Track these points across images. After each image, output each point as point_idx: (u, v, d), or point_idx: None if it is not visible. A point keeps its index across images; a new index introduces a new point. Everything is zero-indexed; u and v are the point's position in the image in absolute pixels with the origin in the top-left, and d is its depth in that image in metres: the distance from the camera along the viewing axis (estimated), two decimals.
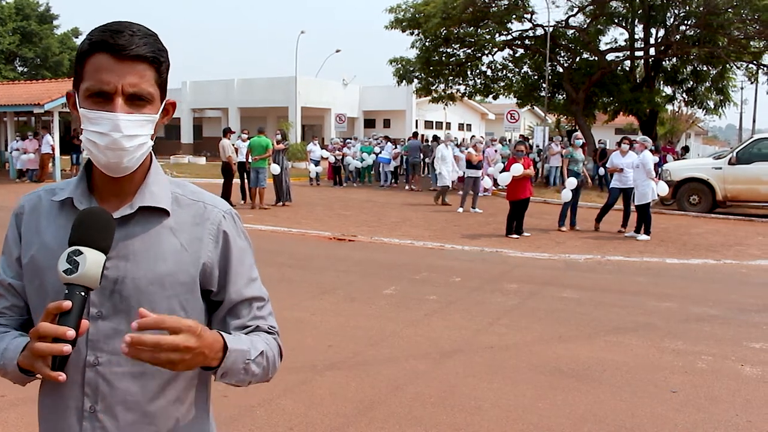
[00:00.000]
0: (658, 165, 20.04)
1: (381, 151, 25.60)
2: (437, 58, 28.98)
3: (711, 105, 30.00)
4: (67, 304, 1.36)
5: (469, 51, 29.29)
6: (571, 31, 29.08)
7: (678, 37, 26.57)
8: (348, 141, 27.79)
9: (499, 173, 20.45)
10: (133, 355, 1.33)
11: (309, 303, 7.58)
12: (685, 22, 26.35)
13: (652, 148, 15.93)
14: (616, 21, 28.81)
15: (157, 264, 1.58)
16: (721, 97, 29.58)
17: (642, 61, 29.08)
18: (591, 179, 20.51)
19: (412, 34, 28.50)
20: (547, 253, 11.26)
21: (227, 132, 18.06)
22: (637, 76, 29.43)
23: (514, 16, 27.36)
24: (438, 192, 19.08)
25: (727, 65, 27.68)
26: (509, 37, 28.93)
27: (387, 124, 50.28)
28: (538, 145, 27.37)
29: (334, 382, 5.12)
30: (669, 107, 35.03)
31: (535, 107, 35.84)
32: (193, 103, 48.99)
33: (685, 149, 31.19)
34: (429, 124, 51.74)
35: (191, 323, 1.39)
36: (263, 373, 1.63)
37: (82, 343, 1.50)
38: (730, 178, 17.18)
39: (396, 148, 25.75)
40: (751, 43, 24.43)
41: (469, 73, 30.53)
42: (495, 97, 31.94)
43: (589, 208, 17.06)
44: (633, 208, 13.50)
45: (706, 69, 28.64)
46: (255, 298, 1.74)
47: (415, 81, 30.34)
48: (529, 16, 27.80)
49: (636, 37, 28.36)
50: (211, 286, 1.66)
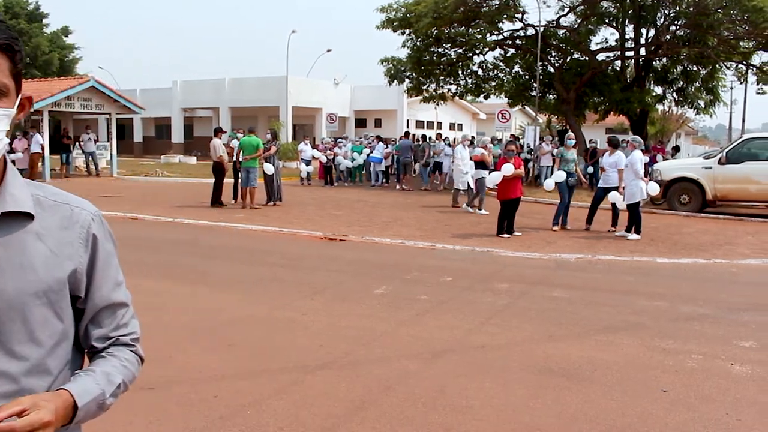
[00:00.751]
0: (649, 165, 20.11)
1: (372, 151, 25.59)
2: (428, 57, 28.97)
3: (701, 105, 30.11)
4: None
5: (460, 51, 29.29)
6: (562, 31, 29.13)
7: (668, 37, 26.65)
8: (339, 141, 27.76)
9: (489, 173, 20.61)
10: None
11: (300, 303, 7.56)
12: (675, 23, 26.44)
13: (643, 147, 15.99)
14: (607, 21, 28.88)
15: (26, 272, 1.47)
16: (711, 97, 29.70)
17: (632, 61, 29.17)
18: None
19: (404, 33, 28.47)
20: (537, 253, 11.27)
21: (218, 131, 18.03)
22: (628, 76, 29.51)
23: (505, 16, 27.37)
24: (454, 196, 18.47)
25: (717, 65, 27.80)
26: (500, 36, 28.95)
27: (378, 123, 50.28)
28: (529, 145, 27.41)
29: (325, 382, 5.10)
30: (659, 107, 35.18)
31: (526, 107, 35.86)
32: (183, 102, 48.91)
33: (676, 149, 31.29)
34: (420, 124, 51.78)
35: (40, 408, 1.35)
36: (120, 396, 1.64)
37: None
38: (720, 177, 17.25)
39: (387, 147, 25.74)
40: (741, 43, 24.53)
41: (460, 72, 30.52)
42: (486, 97, 31.96)
43: (580, 207, 17.09)
44: (623, 207, 13.54)
45: (696, 69, 28.75)
46: (120, 303, 1.68)
47: (407, 81, 30.30)
48: (520, 16, 27.83)
49: (626, 37, 28.44)
50: (79, 292, 1.59)
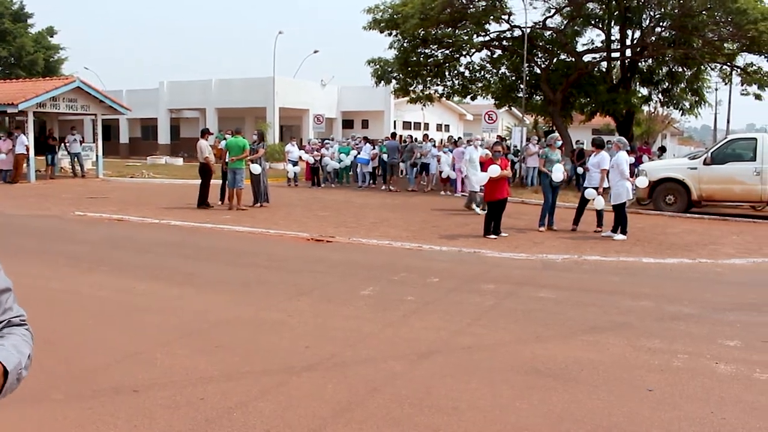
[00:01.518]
0: (635, 165, 20.21)
1: (359, 152, 25.58)
2: (415, 58, 28.98)
3: (686, 106, 30.28)
4: None
5: (447, 52, 29.33)
6: (549, 32, 29.20)
7: (653, 38, 26.78)
8: (326, 142, 27.73)
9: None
10: None
11: (286, 304, 7.54)
12: (661, 24, 26.57)
13: (628, 148, 16.05)
14: (593, 22, 28.98)
15: None
16: (696, 98, 29.87)
17: (618, 62, 29.29)
18: (569, 180, 20.62)
19: (390, 34, 28.48)
20: (524, 254, 11.29)
21: (205, 133, 17.94)
22: (614, 77, 29.64)
23: (492, 17, 27.42)
24: (469, 198, 18.13)
25: (702, 66, 27.96)
26: (487, 38, 28.99)
27: (365, 124, 50.29)
28: (515, 146, 27.47)
29: (311, 384, 5.09)
30: (645, 108, 35.33)
31: (512, 108, 35.98)
32: (170, 103, 48.74)
33: (662, 149, 31.46)
34: (407, 125, 51.79)
35: None
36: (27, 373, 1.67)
37: None
38: (705, 178, 17.35)
39: (374, 148, 25.74)
40: (725, 44, 24.68)
41: (447, 73, 30.55)
42: (473, 98, 32.02)
43: (567, 208, 17.13)
44: (598, 206, 13.61)
45: (681, 70, 28.91)
46: (2, 290, 1.73)
47: (393, 82, 30.30)
48: (506, 17, 27.88)
49: (612, 38, 28.55)
50: None
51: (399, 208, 18.28)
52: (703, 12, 23.34)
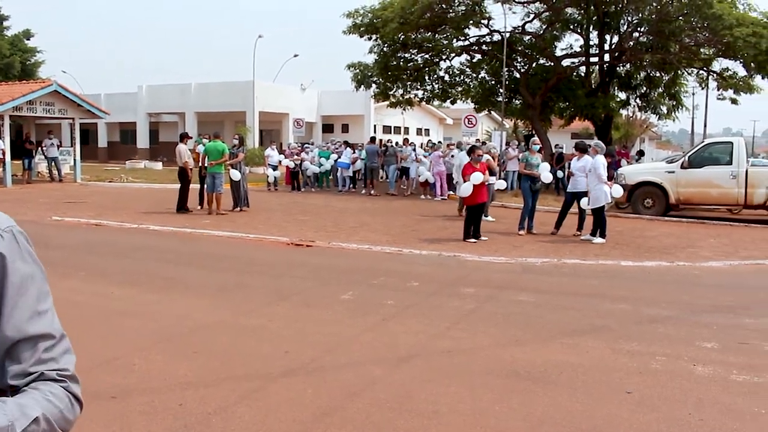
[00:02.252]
0: (613, 169, 20.35)
1: (339, 156, 25.56)
2: (395, 63, 29.05)
3: (664, 110, 30.62)
4: None
5: (426, 56, 29.43)
6: (528, 37, 29.40)
7: (631, 43, 27.06)
8: (306, 146, 27.70)
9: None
10: None
11: (266, 309, 7.50)
12: (638, 29, 26.84)
13: (605, 152, 16.15)
14: (572, 27, 29.23)
15: None
16: (674, 103, 30.21)
17: (597, 66, 29.52)
18: (548, 183, 20.71)
19: (370, 39, 28.54)
20: (504, 257, 11.32)
21: (184, 137, 17.84)
22: (592, 82, 29.88)
23: (471, 22, 27.57)
24: (460, 203, 17.06)
25: (679, 71, 28.27)
26: (466, 42, 29.14)
27: (345, 128, 50.24)
28: (495, 149, 27.55)
29: (290, 389, 5.06)
30: (623, 112, 35.68)
31: (492, 112, 36.12)
32: (149, 107, 48.42)
33: (641, 153, 31.73)
34: (387, 129, 51.82)
35: None
36: None
37: None
38: (683, 181, 17.52)
39: (354, 152, 25.73)
40: (702, 50, 24.95)
41: (426, 78, 30.64)
42: (453, 102, 32.14)
43: (546, 211, 17.23)
44: (588, 211, 13.68)
45: (658, 75, 29.21)
46: (41, 336, 1.39)
47: (374, 86, 30.32)
48: (486, 22, 28.04)
49: (591, 43, 28.81)
50: None
51: (379, 212, 18.28)
52: (680, 17, 23.62)
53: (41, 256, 1.48)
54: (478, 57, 30.27)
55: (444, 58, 29.59)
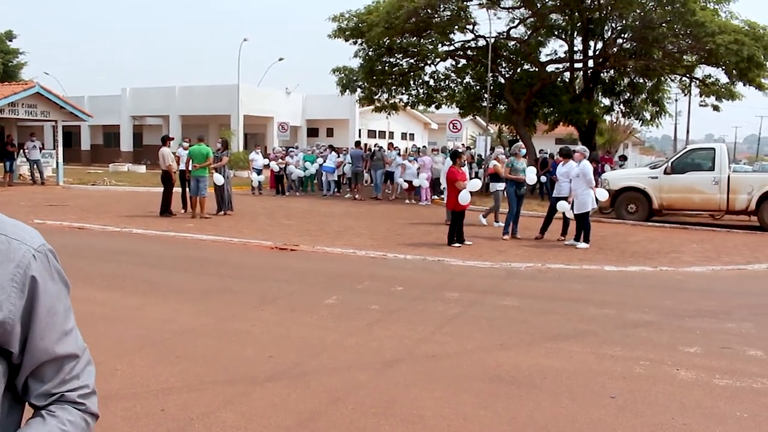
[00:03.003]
0: (597, 174, 20.47)
1: (324, 160, 25.54)
2: (380, 67, 29.07)
3: (647, 116, 30.80)
4: None
5: (411, 61, 29.46)
6: (513, 42, 29.51)
7: (615, 49, 27.21)
8: (290, 150, 27.65)
9: (441, 189, 20.55)
10: None
11: (250, 313, 7.47)
12: (622, 36, 27.00)
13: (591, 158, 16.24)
14: (556, 33, 29.36)
15: None
16: (657, 109, 30.40)
17: (581, 72, 29.68)
18: (533, 188, 20.80)
19: (356, 43, 28.55)
20: (488, 262, 11.34)
21: (166, 140, 17.75)
22: (577, 88, 30.02)
23: (457, 27, 27.63)
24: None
25: (662, 78, 28.46)
26: (451, 47, 29.21)
27: (330, 133, 50.25)
28: (479, 155, 27.65)
29: (274, 394, 5.03)
30: (607, 118, 35.82)
31: (477, 117, 36.21)
32: (133, 110, 48.19)
33: (623, 158, 31.91)
34: (372, 134, 51.86)
35: None
36: None
37: None
38: (666, 187, 17.64)
39: (339, 157, 25.71)
40: (684, 57, 25.13)
41: (411, 82, 30.69)
42: (438, 107, 32.18)
43: (531, 217, 17.29)
44: (572, 216, 13.74)
45: (642, 81, 29.39)
46: (67, 356, 1.40)
47: (359, 90, 30.34)
48: (471, 27, 28.12)
49: (575, 49, 28.95)
50: (10, 347, 1.32)
51: (364, 216, 18.27)
52: (663, 24, 23.80)
53: None
54: (463, 62, 30.35)
55: (429, 62, 29.63)
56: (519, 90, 28.49)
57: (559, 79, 29.38)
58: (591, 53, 28.40)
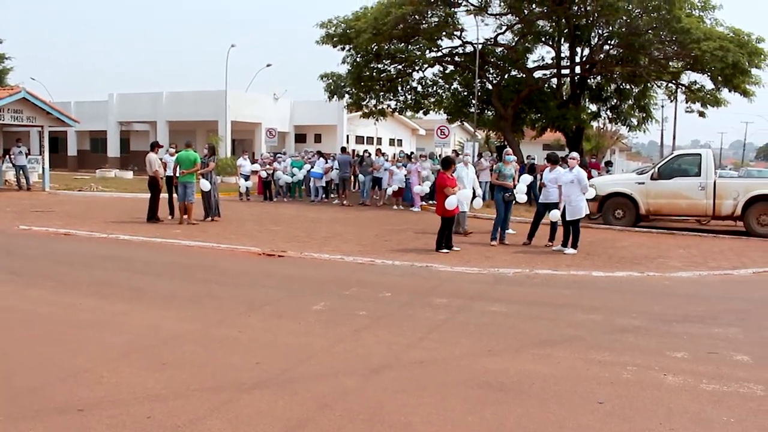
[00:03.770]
0: None
1: (312, 166, 25.52)
2: (368, 73, 29.11)
3: (634, 122, 30.96)
4: None
5: (399, 67, 29.53)
6: (500, 48, 29.62)
7: (602, 56, 27.37)
8: (278, 155, 27.63)
9: (424, 193, 20.63)
10: None
11: (237, 320, 7.43)
12: (609, 42, 27.15)
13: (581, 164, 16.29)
14: (543, 40, 29.51)
15: None
16: (644, 115, 30.57)
17: (568, 78, 29.81)
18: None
19: (344, 49, 28.61)
20: (476, 268, 11.34)
21: (154, 146, 17.69)
22: (564, 94, 30.15)
23: (444, 33, 27.73)
24: (456, 220, 15.28)
25: (649, 84, 28.64)
26: (439, 53, 29.30)
27: (318, 138, 50.23)
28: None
29: (261, 401, 5.00)
30: (594, 124, 36.00)
31: (465, 123, 36.31)
32: (120, 115, 48.02)
33: (608, 164, 32.04)
34: (360, 139, 51.90)
35: None
36: None
37: None
38: (653, 192, 17.72)
39: (327, 162, 25.70)
40: (670, 63, 25.31)
41: (399, 88, 30.75)
42: (425, 113, 32.26)
43: (519, 222, 17.32)
44: (559, 222, 13.77)
45: (628, 87, 29.56)
46: None
47: (347, 96, 30.37)
48: (458, 34, 28.24)
49: (562, 55, 29.11)
50: None
51: (351, 222, 18.24)
52: (649, 31, 23.96)
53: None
54: (451, 68, 30.44)
55: (417, 68, 29.73)
56: (506, 96, 28.59)
57: (546, 85, 29.50)
58: (578, 59, 28.54)
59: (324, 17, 28.56)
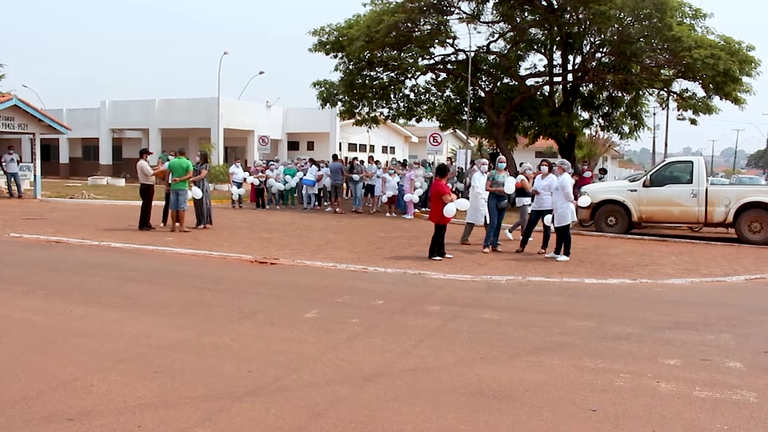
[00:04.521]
0: (577, 188, 20.57)
1: (305, 174, 25.50)
2: (361, 81, 29.14)
3: (626, 129, 31.06)
4: None
5: (392, 74, 29.57)
6: (492, 56, 29.70)
7: (594, 63, 27.47)
8: (271, 163, 27.61)
9: (416, 199, 20.65)
10: None
11: (229, 328, 7.40)
12: (601, 50, 27.25)
13: (572, 170, 16.33)
14: (536, 47, 29.60)
15: None
16: (636, 122, 30.66)
17: (560, 86, 29.89)
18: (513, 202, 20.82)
19: (336, 57, 28.64)
20: (469, 275, 11.33)
21: (144, 153, 17.67)
22: (556, 101, 30.24)
23: (437, 41, 27.80)
24: (466, 229, 15.85)
25: (641, 92, 28.73)
26: (432, 61, 29.33)
27: (311, 146, 50.26)
28: (460, 168, 27.73)
29: (253, 409, 4.98)
30: (586, 131, 36.11)
31: (457, 130, 36.36)
32: (112, 123, 47.96)
33: (603, 171, 32.14)
34: (353, 147, 51.95)
35: None
36: None
37: None
38: (645, 200, 17.77)
39: (320, 170, 25.68)
40: (662, 71, 25.41)
41: (392, 96, 30.79)
42: (418, 120, 32.30)
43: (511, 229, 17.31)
44: (552, 229, 13.79)
45: (620, 95, 29.66)
46: None
47: (339, 104, 30.38)
48: (451, 41, 28.31)
49: (554, 63, 29.17)
50: None
51: (344, 229, 18.22)
52: (641, 39, 24.07)
53: None
54: (443, 76, 30.50)
55: (409, 76, 29.77)
56: (499, 103, 28.65)
57: (538, 92, 29.58)
58: (570, 67, 28.63)
59: (317, 24, 28.50)
